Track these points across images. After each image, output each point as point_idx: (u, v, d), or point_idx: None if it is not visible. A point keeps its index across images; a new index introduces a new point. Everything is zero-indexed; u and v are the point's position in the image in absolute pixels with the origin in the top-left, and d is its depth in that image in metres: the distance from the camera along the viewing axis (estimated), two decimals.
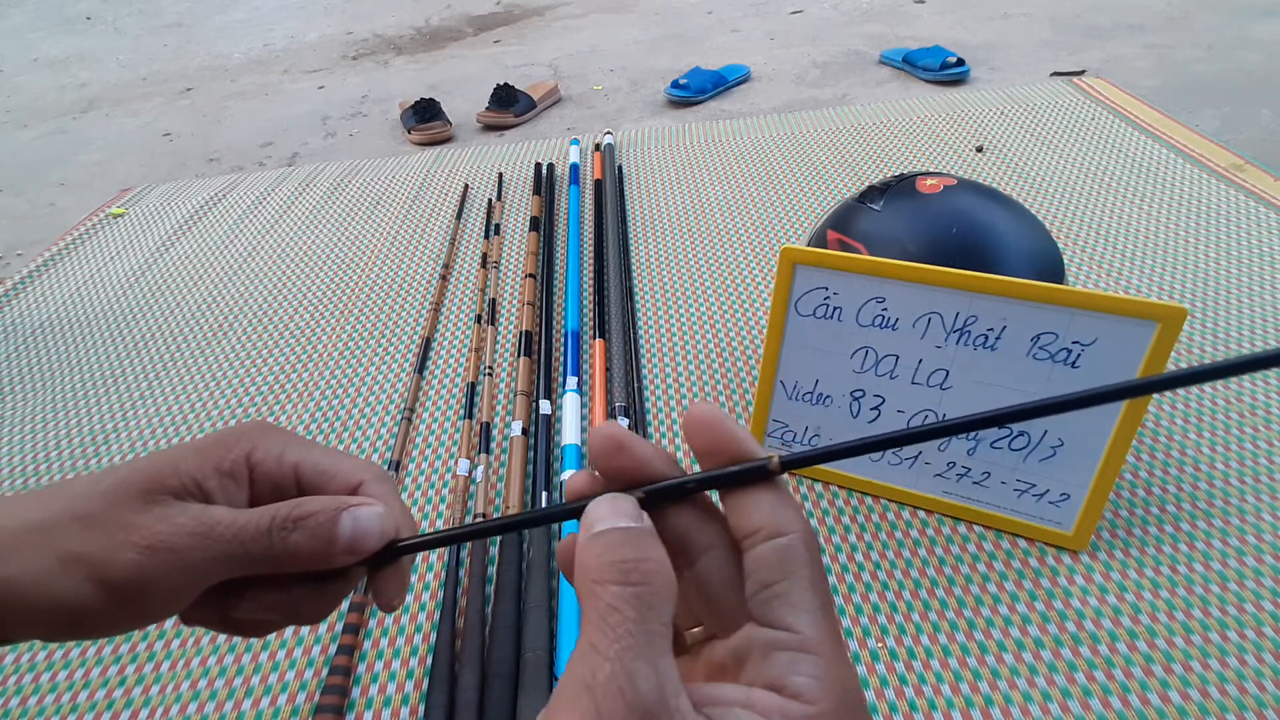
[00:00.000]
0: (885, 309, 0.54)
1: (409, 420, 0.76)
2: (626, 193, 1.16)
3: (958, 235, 0.57)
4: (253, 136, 1.83)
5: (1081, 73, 1.55)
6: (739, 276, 0.93)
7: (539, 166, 1.24)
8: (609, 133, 1.33)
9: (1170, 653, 0.49)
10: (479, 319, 0.89)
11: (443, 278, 0.99)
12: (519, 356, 0.80)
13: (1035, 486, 0.55)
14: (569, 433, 0.70)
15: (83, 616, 0.21)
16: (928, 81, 1.62)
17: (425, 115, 1.64)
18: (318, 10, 3.04)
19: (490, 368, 0.81)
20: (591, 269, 0.97)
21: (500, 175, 1.25)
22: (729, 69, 1.78)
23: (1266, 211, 0.92)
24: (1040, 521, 0.56)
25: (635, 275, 0.95)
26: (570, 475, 0.23)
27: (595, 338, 0.82)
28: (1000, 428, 0.47)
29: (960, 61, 1.58)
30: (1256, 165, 1.01)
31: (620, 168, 1.22)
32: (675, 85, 1.68)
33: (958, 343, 0.52)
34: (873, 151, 1.18)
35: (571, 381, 0.76)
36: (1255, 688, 0.47)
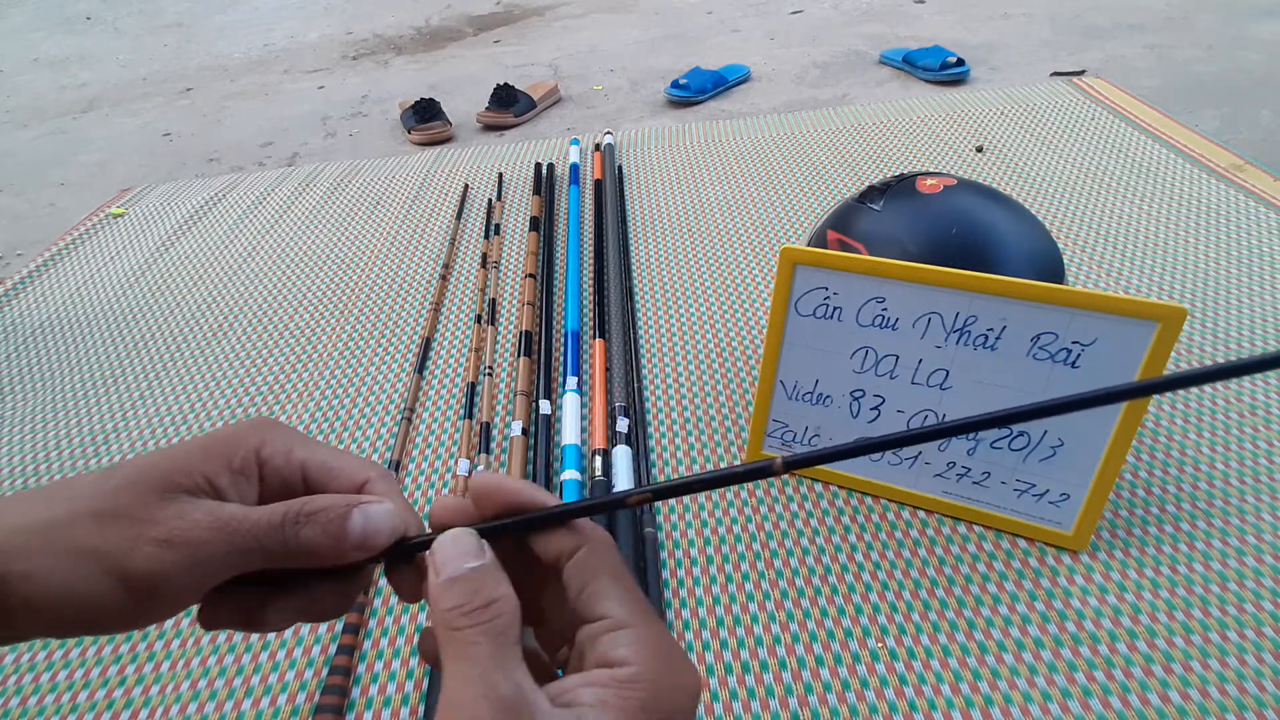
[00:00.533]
0: (885, 309, 0.54)
1: (409, 420, 0.76)
2: (626, 193, 1.16)
3: (958, 235, 0.57)
4: (253, 136, 1.83)
5: (1081, 73, 1.55)
6: (739, 276, 0.93)
7: (539, 166, 1.24)
8: (609, 133, 1.33)
9: (1170, 653, 0.49)
10: (479, 319, 0.89)
11: (443, 278, 0.99)
12: (519, 356, 0.80)
13: (1035, 486, 0.55)
14: (569, 433, 0.70)
15: (98, 612, 0.21)
16: (928, 81, 1.62)
17: (425, 115, 1.64)
18: (318, 10, 3.04)
19: (490, 368, 0.81)
20: (591, 269, 0.97)
21: (500, 175, 1.25)
22: (729, 69, 1.78)
23: (1266, 211, 0.92)
24: (1040, 521, 0.56)
25: (635, 275, 0.95)
26: (436, 500, 0.25)
27: (595, 338, 0.82)
28: (1000, 428, 0.47)
29: (960, 61, 1.58)
30: (1256, 165, 1.01)
31: (620, 168, 1.22)
32: (675, 85, 1.69)
33: (958, 343, 0.53)
34: (873, 151, 1.18)
35: (571, 381, 0.76)
36: (1255, 688, 0.47)
